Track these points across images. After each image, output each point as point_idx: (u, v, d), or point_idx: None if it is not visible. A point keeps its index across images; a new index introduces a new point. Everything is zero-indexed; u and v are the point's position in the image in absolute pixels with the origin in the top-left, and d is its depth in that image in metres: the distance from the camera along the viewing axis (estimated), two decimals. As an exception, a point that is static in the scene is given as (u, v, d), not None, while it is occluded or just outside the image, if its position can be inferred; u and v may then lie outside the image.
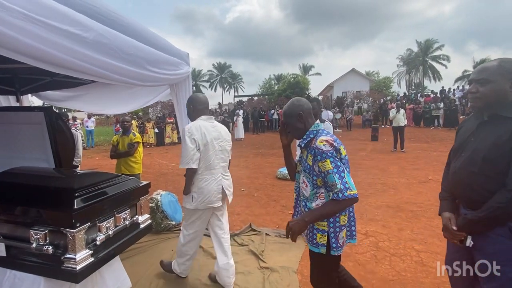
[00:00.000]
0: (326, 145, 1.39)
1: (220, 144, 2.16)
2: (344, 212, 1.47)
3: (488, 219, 1.22)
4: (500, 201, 1.17)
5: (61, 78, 3.24)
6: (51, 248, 1.55)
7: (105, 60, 1.45)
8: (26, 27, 1.00)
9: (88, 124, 13.14)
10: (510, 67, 1.20)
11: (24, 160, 2.36)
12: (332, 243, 1.45)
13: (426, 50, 36.00)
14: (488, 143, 1.23)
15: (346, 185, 1.34)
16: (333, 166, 1.36)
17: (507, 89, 1.20)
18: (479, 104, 1.28)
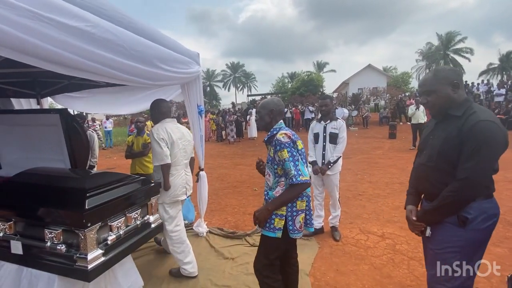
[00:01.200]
0: (285, 137, 1.61)
1: (183, 143, 2.42)
2: (300, 198, 1.63)
3: (440, 208, 1.34)
4: (450, 190, 1.30)
5: (77, 81, 3.33)
6: (64, 247, 1.58)
7: (114, 58, 1.44)
8: (33, 26, 1.00)
9: (107, 125, 13.59)
10: (443, 74, 1.38)
11: (42, 160, 2.44)
12: (289, 225, 1.62)
13: (448, 43, 34.30)
14: (441, 139, 1.36)
15: (299, 172, 1.54)
16: (289, 155, 1.57)
17: (450, 93, 1.35)
18: (434, 110, 1.43)
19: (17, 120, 2.49)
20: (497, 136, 1.24)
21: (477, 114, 1.28)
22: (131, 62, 1.63)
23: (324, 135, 2.96)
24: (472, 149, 1.23)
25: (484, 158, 1.23)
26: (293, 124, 16.90)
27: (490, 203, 1.31)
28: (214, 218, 3.81)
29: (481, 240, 1.33)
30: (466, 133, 1.26)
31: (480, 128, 1.24)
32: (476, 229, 1.29)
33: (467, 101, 1.35)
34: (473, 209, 1.28)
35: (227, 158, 9.22)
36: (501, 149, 1.27)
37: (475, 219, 1.28)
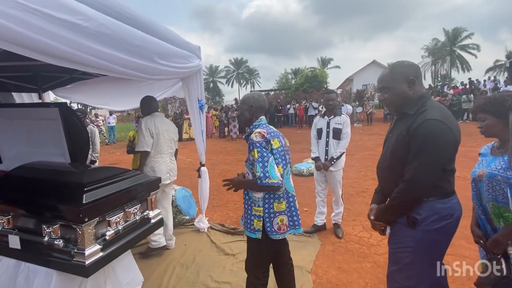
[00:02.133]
0: (258, 136, 1.56)
1: (169, 134, 2.74)
2: (277, 199, 1.60)
3: (391, 208, 1.35)
4: (397, 191, 1.29)
5: (79, 75, 3.31)
6: (62, 242, 1.56)
7: (109, 52, 1.41)
8: (22, 17, 0.96)
9: (110, 120, 13.64)
10: (399, 70, 1.33)
11: (42, 154, 2.42)
12: (267, 227, 1.60)
13: (454, 39, 33.71)
14: (394, 139, 1.34)
15: (266, 174, 1.51)
16: (259, 155, 1.53)
17: (406, 90, 1.30)
18: (391, 107, 1.41)
19: (16, 114, 2.47)
20: (443, 136, 1.19)
21: (426, 112, 1.23)
22: (127, 57, 1.59)
23: (327, 131, 2.90)
24: (417, 149, 1.20)
25: (426, 159, 1.19)
26: (296, 120, 16.80)
27: (445, 203, 1.26)
28: (216, 214, 3.79)
29: (436, 241, 1.29)
30: (412, 132, 1.23)
31: (425, 127, 1.19)
32: (427, 230, 1.25)
33: (422, 97, 1.31)
34: (423, 210, 1.25)
35: (230, 154, 9.19)
36: (449, 149, 1.23)
37: (425, 220, 1.25)
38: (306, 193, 4.64)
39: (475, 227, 1.44)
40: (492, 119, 1.33)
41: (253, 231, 1.64)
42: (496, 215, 1.33)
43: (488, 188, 1.33)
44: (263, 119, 1.72)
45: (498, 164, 1.31)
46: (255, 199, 1.63)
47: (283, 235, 1.63)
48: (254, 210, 1.63)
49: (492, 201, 1.33)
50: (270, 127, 1.71)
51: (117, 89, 3.40)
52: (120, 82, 3.34)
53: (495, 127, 1.33)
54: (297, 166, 6.07)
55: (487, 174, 1.33)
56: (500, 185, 1.27)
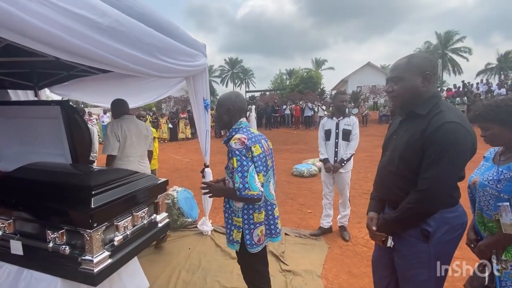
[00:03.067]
0: (237, 144, 1.43)
1: (138, 137, 2.71)
2: (258, 210, 1.50)
3: (400, 220, 1.20)
4: (409, 202, 1.16)
5: (77, 73, 3.20)
6: (68, 249, 1.47)
7: (121, 48, 1.34)
8: (35, 8, 0.89)
9: (104, 119, 13.37)
10: (417, 62, 1.18)
11: (41, 155, 2.31)
12: (246, 240, 1.50)
13: (446, 43, 34.35)
14: (403, 142, 1.21)
15: (246, 185, 1.39)
16: (238, 164, 1.41)
17: (419, 85, 1.17)
18: (397, 102, 1.26)
19: (15, 112, 2.36)
20: (464, 141, 1.08)
21: (442, 114, 1.11)
22: (139, 54, 1.55)
23: (336, 132, 2.87)
24: (435, 156, 1.08)
25: (447, 166, 1.08)
26: (292, 121, 16.82)
27: (454, 212, 1.18)
28: (218, 216, 3.71)
29: (448, 253, 1.22)
30: (429, 136, 1.10)
31: (445, 131, 1.07)
32: (440, 242, 1.17)
33: (434, 97, 1.18)
34: (434, 221, 1.16)
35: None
36: (468, 155, 1.12)
37: (437, 232, 1.16)
38: (308, 195, 4.61)
39: (470, 231, 1.40)
40: (498, 128, 1.21)
41: (231, 242, 1.57)
42: (480, 223, 1.30)
43: (478, 197, 1.30)
44: (243, 121, 1.59)
45: (491, 174, 1.24)
46: (235, 209, 1.54)
47: (261, 246, 1.55)
48: (234, 220, 1.55)
49: (478, 210, 1.30)
50: (252, 130, 1.58)
51: (116, 87, 3.30)
52: (120, 80, 3.24)
53: (502, 136, 1.21)
54: (297, 167, 6.04)
55: (479, 182, 1.28)
56: (486, 197, 1.23)
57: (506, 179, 1.17)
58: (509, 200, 1.15)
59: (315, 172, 5.79)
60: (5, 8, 0.81)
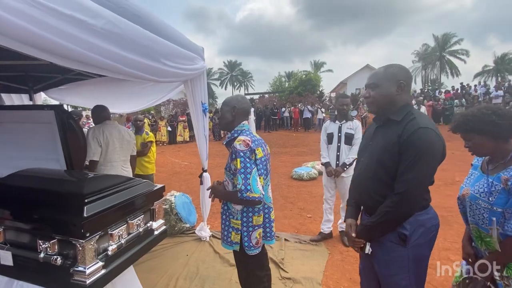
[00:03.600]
0: (242, 145, 1.46)
1: (121, 143, 2.73)
2: (257, 213, 1.53)
3: (379, 225, 1.21)
4: (388, 205, 1.18)
5: (72, 76, 3.15)
6: (59, 259, 1.41)
7: (116, 51, 1.29)
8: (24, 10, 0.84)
9: (102, 122, 13.29)
10: (393, 71, 1.25)
11: (35, 160, 2.26)
12: (245, 242, 1.53)
13: (444, 45, 34.58)
14: (380, 147, 1.25)
15: (248, 186, 1.41)
16: (241, 166, 1.43)
17: (394, 93, 1.24)
18: (373, 108, 1.32)
19: (8, 116, 2.31)
20: (436, 145, 1.15)
21: (416, 120, 1.18)
22: (135, 57, 1.49)
23: (339, 135, 2.83)
24: (411, 159, 1.13)
25: (422, 169, 1.13)
26: (291, 124, 16.80)
27: (427, 214, 1.22)
28: (217, 221, 3.65)
29: (425, 255, 1.24)
30: (404, 141, 1.15)
31: (419, 136, 1.13)
32: (417, 245, 1.19)
33: (407, 106, 1.26)
34: (409, 224, 1.19)
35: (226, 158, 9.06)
36: (440, 158, 1.18)
37: (414, 234, 1.19)
38: (307, 199, 4.56)
39: (466, 243, 1.37)
40: (478, 137, 1.20)
41: (230, 243, 1.58)
42: (477, 238, 1.28)
43: (470, 210, 1.27)
44: (246, 124, 1.62)
45: (481, 186, 1.22)
46: (234, 211, 1.56)
47: (258, 249, 1.56)
48: (232, 223, 1.57)
49: (473, 224, 1.27)
50: (254, 134, 1.61)
51: (114, 90, 3.25)
52: (117, 84, 3.20)
53: (485, 146, 1.20)
54: (297, 171, 5.99)
55: (470, 195, 1.26)
56: (481, 210, 1.21)
57: (498, 191, 1.15)
58: (502, 213, 1.13)
59: (314, 175, 5.75)
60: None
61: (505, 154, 1.18)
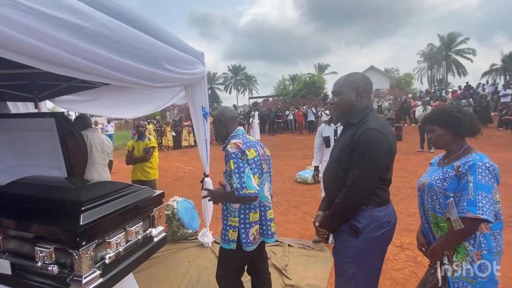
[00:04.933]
0: (233, 148, 1.59)
1: (102, 147, 3.02)
2: (253, 209, 1.62)
3: (334, 215, 1.36)
4: (340, 197, 1.32)
5: (76, 83, 3.18)
6: (56, 268, 1.40)
7: (110, 56, 1.27)
8: (11, 16, 0.83)
9: (108, 128, 13.47)
10: (353, 79, 1.40)
11: (36, 167, 2.27)
12: (242, 238, 1.61)
13: (450, 44, 34.14)
14: (339, 147, 1.40)
15: (243, 184, 1.52)
16: (235, 166, 1.55)
17: (353, 99, 1.37)
18: (337, 112, 1.45)
19: (10, 124, 2.33)
20: (380, 144, 1.26)
21: (367, 122, 1.31)
22: (129, 61, 1.45)
23: (335, 138, 2.79)
24: (358, 156, 1.27)
25: (366, 165, 1.26)
26: (295, 126, 16.72)
27: (382, 211, 1.32)
28: (220, 227, 3.61)
29: (377, 248, 1.34)
30: (355, 140, 1.29)
31: (366, 136, 1.26)
32: (369, 238, 1.30)
33: (366, 109, 1.38)
34: (364, 218, 1.30)
35: (230, 162, 9.03)
36: (384, 156, 1.29)
37: (366, 228, 1.29)
38: (312, 202, 4.49)
39: (419, 235, 1.49)
40: (441, 130, 1.37)
41: (227, 241, 1.65)
42: (434, 224, 1.38)
43: (427, 198, 1.39)
44: (240, 129, 1.76)
45: (437, 175, 1.37)
46: (231, 210, 1.66)
47: (255, 245, 1.65)
48: (230, 221, 1.65)
49: (431, 211, 1.38)
50: (248, 137, 1.73)
51: (119, 97, 3.28)
52: (122, 91, 3.22)
53: (443, 138, 1.37)
54: (301, 174, 5.92)
55: (427, 183, 1.39)
56: (437, 195, 1.34)
57: (450, 177, 1.30)
58: (454, 198, 1.26)
59: (319, 178, 5.67)
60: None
61: (456, 150, 1.36)
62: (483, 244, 1.23)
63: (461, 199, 1.23)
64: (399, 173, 5.92)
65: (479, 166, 1.22)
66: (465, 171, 1.24)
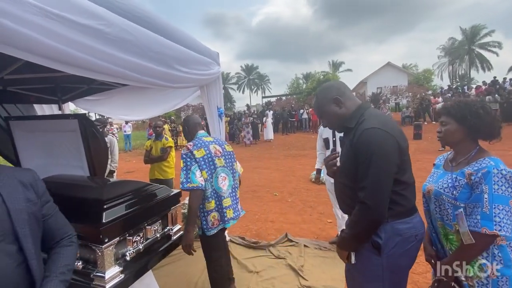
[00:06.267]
0: (184, 149, 1.85)
1: None
2: (207, 200, 1.87)
3: (353, 236, 1.19)
4: (355, 215, 1.15)
5: (96, 85, 3.30)
6: (81, 264, 1.46)
7: (130, 59, 1.31)
8: (41, 23, 0.87)
9: (126, 129, 13.89)
10: (322, 95, 1.32)
11: (61, 167, 2.37)
12: (203, 224, 1.89)
13: (473, 38, 32.47)
14: (343, 154, 1.28)
15: (188, 179, 1.76)
16: (183, 164, 1.80)
17: (336, 109, 1.28)
18: (333, 129, 1.39)
19: (36, 126, 2.45)
20: (385, 144, 1.11)
21: (364, 122, 1.18)
22: (148, 64, 1.49)
23: (333, 140, 2.71)
24: (364, 164, 1.11)
25: (374, 171, 1.08)
26: (310, 125, 16.53)
27: (406, 223, 1.15)
28: (235, 226, 3.62)
29: (401, 266, 1.19)
30: (355, 145, 1.16)
31: (365, 138, 1.12)
32: (393, 255, 1.14)
33: (359, 109, 1.26)
34: (385, 232, 1.14)
35: (244, 161, 9.07)
36: (394, 156, 1.12)
37: (388, 244, 1.14)
38: (327, 203, 4.41)
39: (427, 244, 1.35)
40: (455, 125, 1.22)
41: (199, 228, 1.95)
42: (444, 236, 1.26)
43: (435, 207, 1.26)
44: (200, 133, 2.04)
45: (445, 181, 1.22)
46: None
47: (216, 229, 1.91)
48: None
49: (439, 220, 1.26)
50: (205, 139, 1.99)
51: (136, 98, 3.36)
52: (139, 92, 3.30)
53: (455, 134, 1.23)
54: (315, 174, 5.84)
55: (434, 191, 1.26)
56: (445, 205, 1.20)
57: (461, 185, 1.16)
58: (465, 208, 1.14)
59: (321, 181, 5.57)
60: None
61: (466, 152, 1.21)
62: (498, 257, 1.10)
63: (473, 211, 1.10)
64: (419, 173, 5.68)
65: (495, 174, 1.07)
66: (479, 180, 1.10)
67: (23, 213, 0.90)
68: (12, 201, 0.88)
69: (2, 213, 0.86)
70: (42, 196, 1.04)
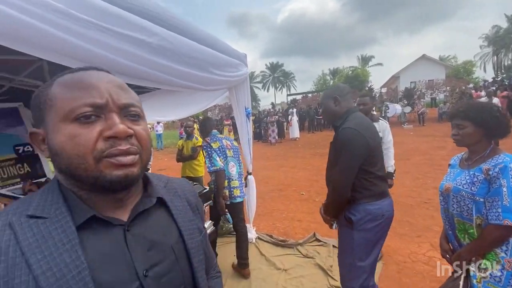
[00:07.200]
0: (204, 142, 2.42)
1: None
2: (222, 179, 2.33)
3: (327, 207, 1.62)
4: (328, 192, 1.60)
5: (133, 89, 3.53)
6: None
7: (169, 65, 1.42)
8: (96, 37, 0.99)
9: (158, 128, 14.62)
10: (329, 90, 1.66)
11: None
12: None
13: (522, 24, 29.23)
14: (331, 148, 1.58)
15: (212, 164, 2.27)
16: (206, 154, 2.34)
17: (332, 106, 1.60)
18: (326, 120, 1.57)
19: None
20: (353, 141, 1.40)
21: (345, 123, 1.47)
22: (186, 69, 1.62)
23: None
24: (338, 155, 1.44)
25: (342, 161, 1.42)
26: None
27: (375, 205, 1.44)
28: (262, 224, 3.70)
29: (370, 239, 1.46)
30: (335, 140, 1.50)
31: (341, 135, 1.44)
32: (363, 230, 1.44)
33: (347, 112, 1.55)
34: (357, 211, 1.45)
35: (270, 160, 9.11)
36: (359, 152, 1.40)
37: (360, 220, 1.44)
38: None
39: (443, 241, 1.46)
40: (473, 128, 1.28)
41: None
42: (461, 231, 1.32)
43: (453, 203, 1.32)
44: (214, 131, 2.54)
45: (463, 178, 1.30)
46: None
47: (226, 202, 2.37)
48: None
49: (457, 217, 1.32)
50: (219, 136, 2.50)
51: (167, 100, 3.55)
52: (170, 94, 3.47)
53: (473, 136, 1.29)
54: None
55: (452, 188, 1.33)
56: (465, 201, 1.27)
57: (480, 181, 1.23)
58: (484, 203, 1.20)
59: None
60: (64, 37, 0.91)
61: (482, 150, 1.28)
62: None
63: (493, 204, 1.16)
64: (458, 174, 5.31)
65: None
66: (496, 175, 1.17)
67: (199, 252, 0.60)
68: (189, 236, 0.58)
69: (181, 256, 0.55)
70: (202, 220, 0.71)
